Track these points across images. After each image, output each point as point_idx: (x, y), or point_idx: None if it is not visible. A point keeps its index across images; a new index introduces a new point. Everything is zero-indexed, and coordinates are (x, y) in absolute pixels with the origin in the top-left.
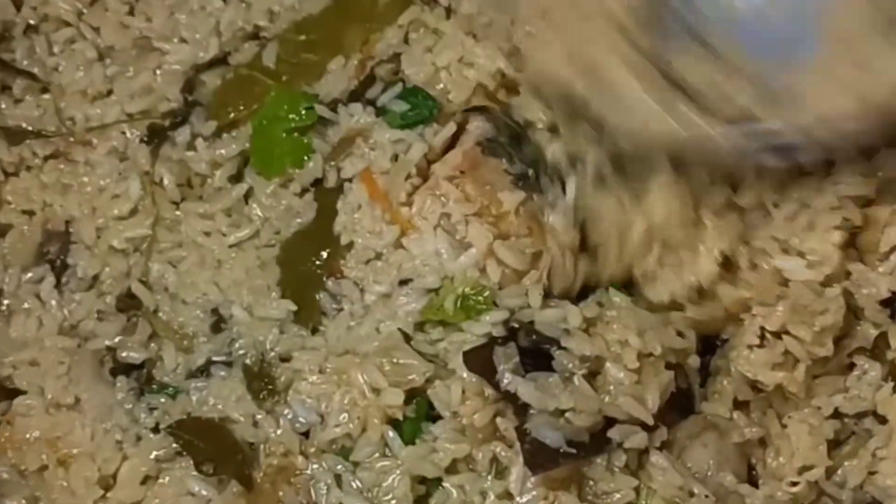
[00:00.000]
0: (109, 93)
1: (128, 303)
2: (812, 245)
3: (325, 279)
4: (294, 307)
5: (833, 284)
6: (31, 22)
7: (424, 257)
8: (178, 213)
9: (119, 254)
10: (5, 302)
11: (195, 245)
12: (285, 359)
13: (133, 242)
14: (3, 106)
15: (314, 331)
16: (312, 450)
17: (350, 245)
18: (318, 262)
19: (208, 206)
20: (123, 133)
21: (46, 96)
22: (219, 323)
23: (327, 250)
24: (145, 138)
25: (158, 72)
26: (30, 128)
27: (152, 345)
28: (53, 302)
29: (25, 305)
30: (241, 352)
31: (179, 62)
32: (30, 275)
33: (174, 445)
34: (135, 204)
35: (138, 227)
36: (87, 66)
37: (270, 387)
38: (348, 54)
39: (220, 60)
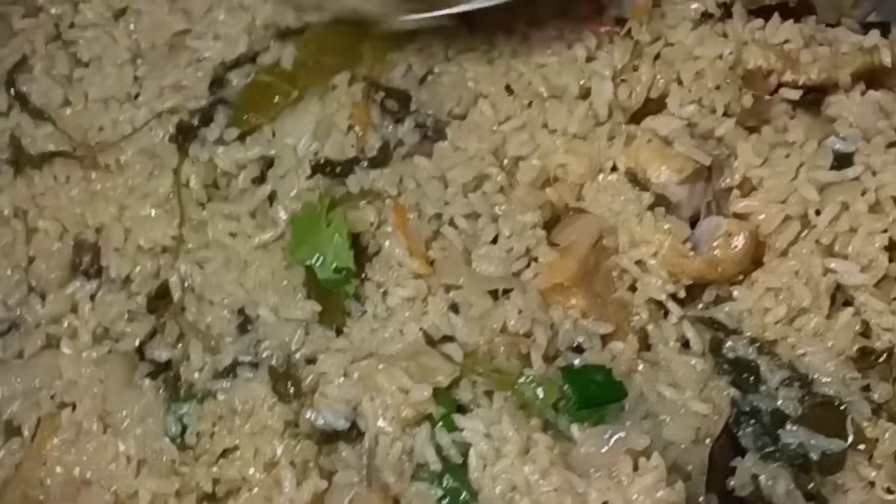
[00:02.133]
0: (137, 96)
1: (156, 304)
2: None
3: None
4: (319, 308)
5: None
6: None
7: None
8: (204, 213)
9: (147, 253)
10: (50, 329)
11: (221, 246)
12: (311, 360)
13: (161, 242)
14: (27, 131)
15: (338, 332)
16: None
17: (377, 251)
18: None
19: (234, 207)
20: (151, 130)
21: (68, 111)
22: (245, 324)
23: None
24: (174, 136)
25: (189, 69)
26: (53, 148)
27: (180, 345)
28: (87, 308)
29: (64, 324)
30: (267, 353)
31: (210, 59)
32: (68, 291)
33: None
34: (163, 202)
35: (166, 227)
36: (117, 70)
37: (296, 388)
38: (356, 69)
39: (249, 59)
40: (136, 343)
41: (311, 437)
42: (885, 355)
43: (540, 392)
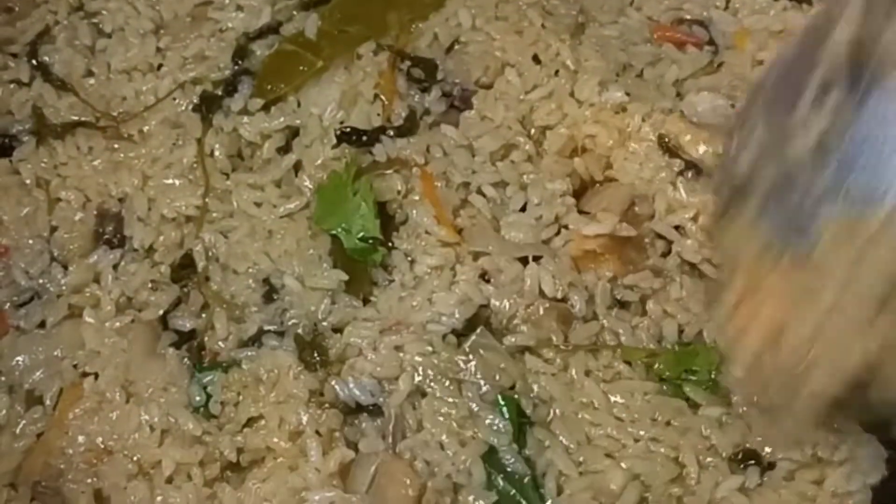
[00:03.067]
0: (160, 66)
1: (180, 273)
2: None
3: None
4: (345, 277)
5: None
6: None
7: None
8: (228, 183)
9: (171, 223)
10: (73, 299)
11: (246, 216)
12: (338, 329)
13: (185, 212)
14: (49, 101)
15: (365, 301)
16: None
17: (405, 220)
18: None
19: (258, 177)
20: (175, 99)
21: (90, 81)
22: (270, 293)
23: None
24: (197, 106)
25: (212, 39)
26: (76, 118)
27: (204, 315)
28: (110, 278)
29: (87, 293)
30: (293, 321)
31: (233, 29)
32: (91, 260)
33: None
34: (187, 172)
35: (191, 196)
36: (140, 41)
37: (322, 357)
38: (381, 39)
39: (272, 30)
40: (160, 313)
41: (336, 406)
42: None
43: None
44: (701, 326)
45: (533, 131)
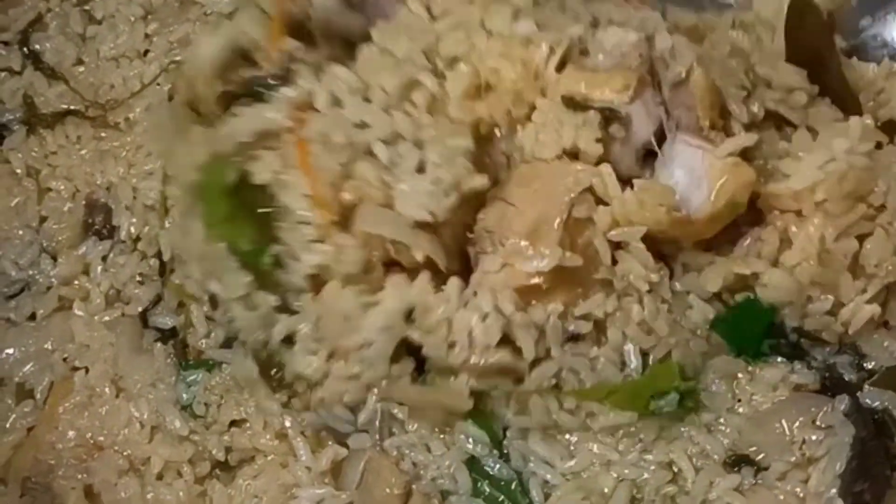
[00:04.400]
0: (146, 52)
1: (164, 267)
2: None
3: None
4: (248, 278)
5: None
6: None
7: None
8: None
9: (154, 212)
10: (62, 291)
11: None
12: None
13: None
14: (40, 90)
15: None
16: None
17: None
18: None
19: None
20: (159, 86)
21: (80, 69)
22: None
23: None
24: None
25: (198, 23)
26: (66, 107)
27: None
28: (99, 269)
29: (76, 285)
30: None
31: (217, 12)
32: (80, 251)
33: None
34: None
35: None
36: (130, 27)
37: (280, 375)
38: None
39: None
40: (140, 309)
41: None
42: None
43: None
44: (668, 348)
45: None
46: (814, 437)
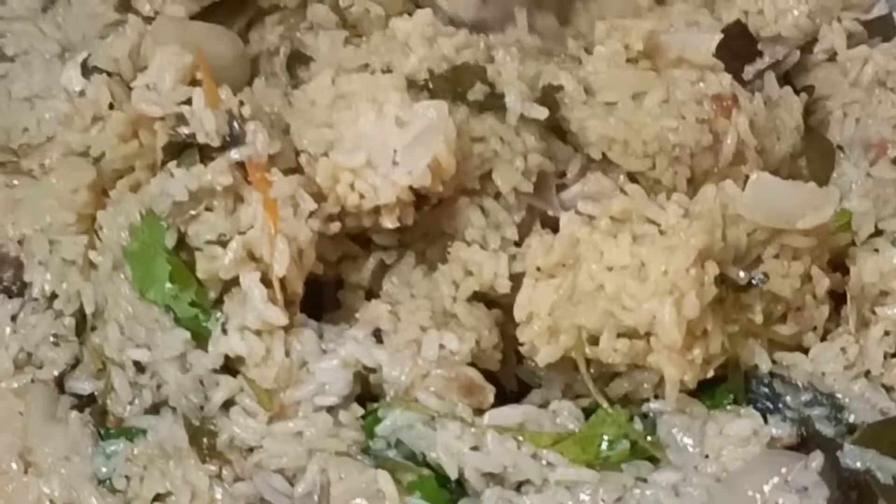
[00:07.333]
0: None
1: (83, 327)
2: None
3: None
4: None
5: None
6: None
7: None
8: None
9: (73, 268)
10: None
11: None
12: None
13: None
14: None
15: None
16: None
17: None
18: None
19: None
20: None
21: None
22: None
23: None
24: None
25: None
26: None
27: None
28: (8, 330)
29: None
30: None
31: None
32: None
33: None
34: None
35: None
36: (45, 65)
37: (211, 442)
38: None
39: None
40: (56, 373)
41: None
42: None
43: None
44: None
45: None
46: (786, 501)
